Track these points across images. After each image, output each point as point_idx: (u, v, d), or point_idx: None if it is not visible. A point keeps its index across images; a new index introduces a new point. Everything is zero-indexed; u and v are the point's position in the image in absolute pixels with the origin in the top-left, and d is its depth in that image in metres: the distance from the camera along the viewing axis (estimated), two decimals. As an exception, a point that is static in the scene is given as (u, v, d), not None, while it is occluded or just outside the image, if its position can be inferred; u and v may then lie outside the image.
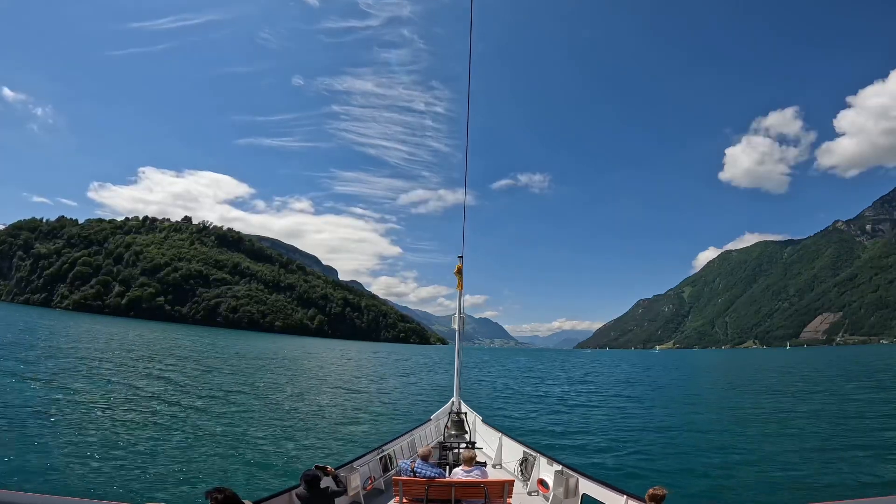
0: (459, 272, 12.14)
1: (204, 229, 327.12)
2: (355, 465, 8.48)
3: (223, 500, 4.53)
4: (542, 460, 9.30)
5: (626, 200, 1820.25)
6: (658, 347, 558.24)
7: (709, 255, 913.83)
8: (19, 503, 2.57)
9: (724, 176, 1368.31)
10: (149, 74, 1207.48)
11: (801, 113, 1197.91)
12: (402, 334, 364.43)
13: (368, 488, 8.57)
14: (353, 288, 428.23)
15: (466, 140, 10.08)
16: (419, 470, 7.56)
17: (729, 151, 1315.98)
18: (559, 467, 8.46)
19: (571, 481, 8.00)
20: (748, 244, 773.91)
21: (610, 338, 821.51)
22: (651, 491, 5.83)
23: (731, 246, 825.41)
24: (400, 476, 7.39)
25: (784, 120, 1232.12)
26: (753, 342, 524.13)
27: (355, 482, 8.02)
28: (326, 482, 6.58)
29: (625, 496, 6.90)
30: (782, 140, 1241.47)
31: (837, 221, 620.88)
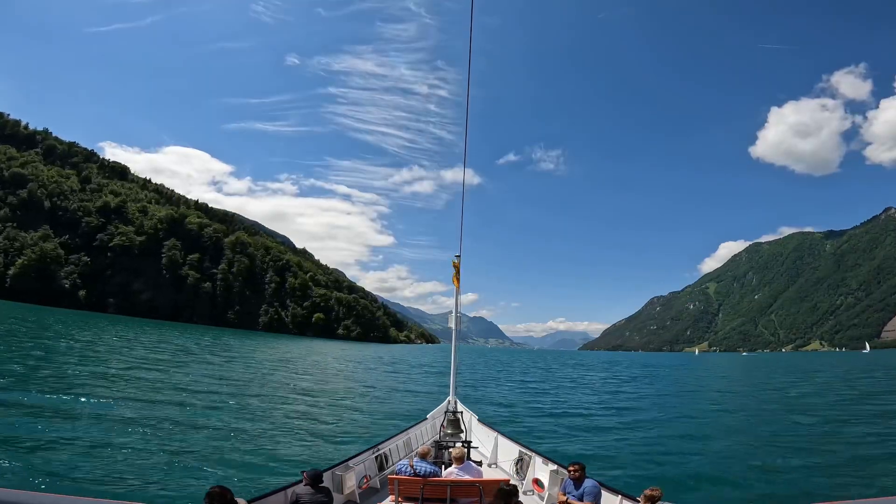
0: (457, 270, 12.12)
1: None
2: (350, 463, 8.39)
3: (217, 495, 4.45)
4: (538, 460, 9.26)
5: (645, 177, 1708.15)
6: (696, 350, 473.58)
7: (733, 247, 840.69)
8: (19, 502, 2.53)
9: (755, 152, 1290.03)
10: (135, 52, 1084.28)
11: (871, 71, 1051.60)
12: (307, 316, 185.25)
13: (364, 487, 8.50)
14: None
15: (466, 123, 9.57)
16: (417, 466, 7.56)
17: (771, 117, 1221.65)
18: (554, 467, 8.40)
19: None
20: (780, 236, 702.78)
21: (625, 338, 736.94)
22: (647, 492, 5.91)
23: (762, 238, 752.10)
24: (395, 475, 7.38)
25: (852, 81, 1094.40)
26: (821, 343, 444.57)
27: (350, 481, 8.02)
28: (327, 481, 6.88)
29: (619, 496, 6.95)
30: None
31: (890, 208, 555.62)
